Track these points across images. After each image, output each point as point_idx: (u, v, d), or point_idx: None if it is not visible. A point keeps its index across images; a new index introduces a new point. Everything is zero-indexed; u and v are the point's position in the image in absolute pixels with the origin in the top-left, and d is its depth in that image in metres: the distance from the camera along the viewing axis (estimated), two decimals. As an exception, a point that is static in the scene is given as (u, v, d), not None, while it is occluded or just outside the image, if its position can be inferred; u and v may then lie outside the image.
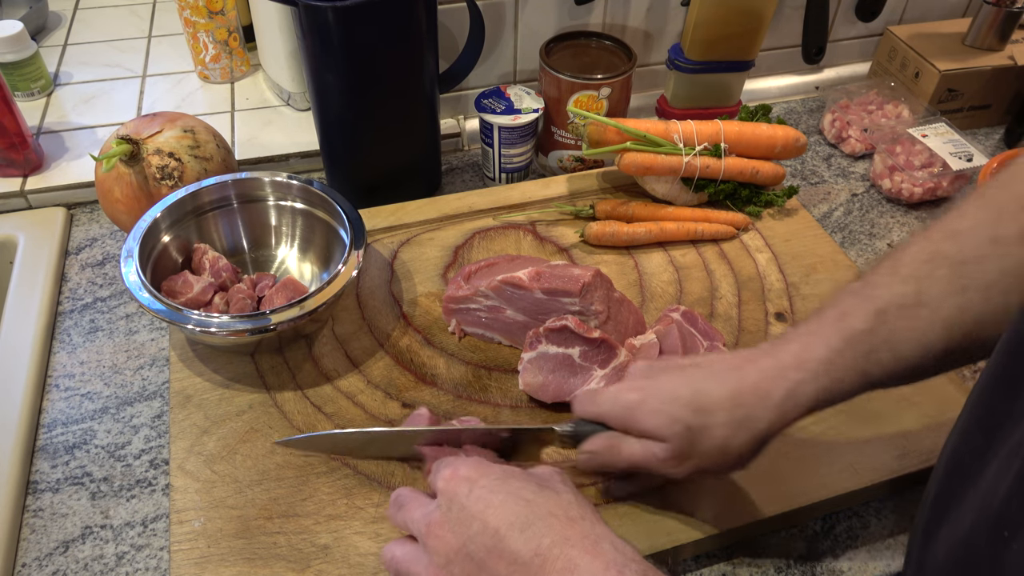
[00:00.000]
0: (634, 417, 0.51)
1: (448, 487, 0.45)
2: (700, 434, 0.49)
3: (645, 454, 0.51)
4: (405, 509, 0.47)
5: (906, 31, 1.08)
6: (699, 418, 0.49)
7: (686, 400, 0.50)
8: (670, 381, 0.52)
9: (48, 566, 0.59)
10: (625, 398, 0.52)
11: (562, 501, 0.44)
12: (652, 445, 0.51)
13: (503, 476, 0.45)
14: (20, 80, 0.98)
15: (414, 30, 0.76)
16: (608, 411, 0.53)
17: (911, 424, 0.65)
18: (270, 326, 0.62)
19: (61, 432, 0.67)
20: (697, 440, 0.49)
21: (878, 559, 0.60)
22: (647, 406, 0.51)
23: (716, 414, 0.49)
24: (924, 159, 0.91)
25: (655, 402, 0.51)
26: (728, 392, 0.49)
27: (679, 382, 0.51)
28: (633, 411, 0.51)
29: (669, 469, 0.51)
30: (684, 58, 0.92)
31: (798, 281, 0.78)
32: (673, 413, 0.50)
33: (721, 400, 0.49)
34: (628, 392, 0.52)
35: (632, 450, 0.52)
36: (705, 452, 0.50)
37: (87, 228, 0.87)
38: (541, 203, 0.86)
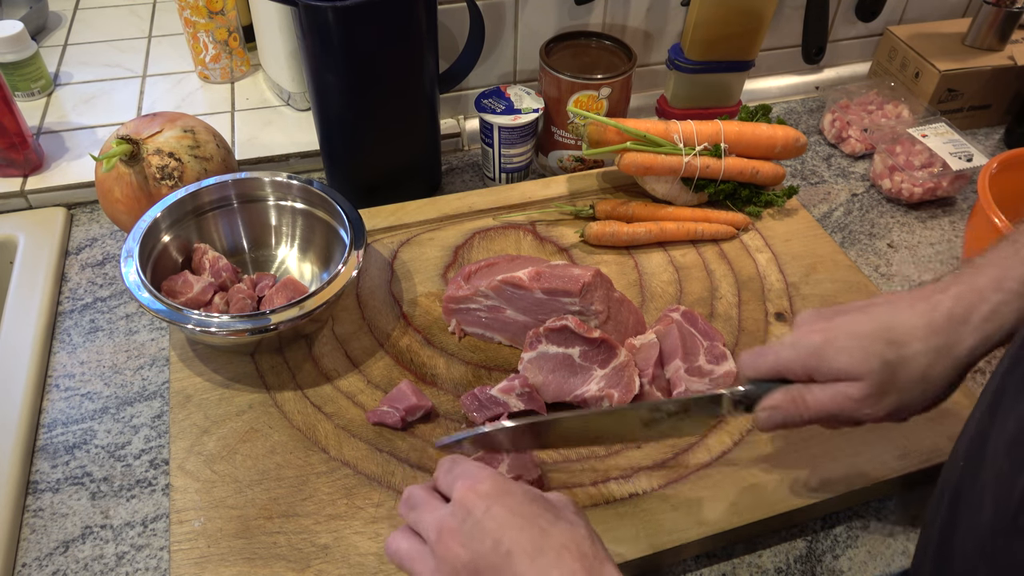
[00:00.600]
0: (821, 359, 0.49)
1: (466, 500, 0.44)
2: (898, 367, 0.47)
3: (837, 397, 0.49)
4: (418, 510, 0.47)
5: (906, 31, 1.08)
6: (895, 350, 0.47)
7: (877, 334, 0.48)
8: (853, 319, 0.49)
9: (48, 566, 0.59)
10: (807, 341, 0.50)
11: (576, 535, 0.43)
12: (845, 387, 0.48)
13: (523, 499, 0.45)
14: (20, 80, 0.98)
15: (414, 30, 0.76)
16: (789, 358, 0.50)
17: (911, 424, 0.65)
18: (270, 326, 0.62)
19: (61, 432, 0.67)
20: (895, 374, 0.47)
21: (878, 559, 0.60)
22: (834, 345, 0.48)
23: (912, 344, 0.47)
24: (924, 159, 0.91)
25: (842, 339, 0.48)
26: (923, 321, 0.47)
27: (864, 319, 0.49)
28: (818, 353, 0.49)
29: (866, 409, 0.48)
30: (684, 58, 0.92)
31: (798, 281, 0.78)
32: (866, 348, 0.47)
33: (916, 329, 0.47)
34: (810, 335, 0.50)
35: (821, 397, 0.49)
36: (904, 385, 0.47)
37: (87, 228, 0.87)
38: (541, 203, 0.86)
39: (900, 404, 0.48)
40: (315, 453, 0.62)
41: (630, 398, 0.64)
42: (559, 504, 0.46)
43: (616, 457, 0.62)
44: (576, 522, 0.45)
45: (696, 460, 0.62)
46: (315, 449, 0.62)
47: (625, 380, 0.64)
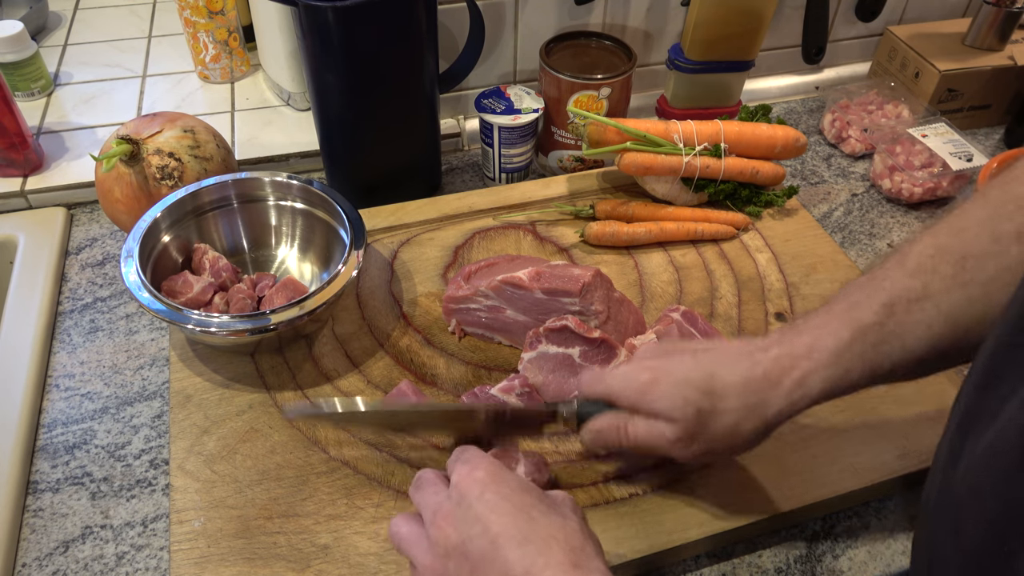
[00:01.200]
0: (645, 398, 0.51)
1: (462, 484, 0.45)
2: (710, 417, 0.50)
3: (653, 435, 0.51)
4: (422, 491, 0.48)
5: (906, 31, 1.08)
6: (711, 402, 0.50)
7: (698, 383, 0.50)
8: (682, 363, 0.52)
9: (48, 566, 0.59)
10: (637, 378, 0.52)
11: (567, 528, 0.44)
12: (661, 426, 0.51)
13: (517, 488, 0.45)
14: (20, 80, 0.98)
15: (414, 30, 0.76)
16: (618, 390, 0.53)
17: (911, 424, 0.65)
18: (270, 326, 0.62)
19: (61, 432, 0.67)
20: (707, 423, 0.50)
21: (878, 559, 0.60)
22: (659, 386, 0.51)
23: (728, 399, 0.50)
24: (924, 159, 0.91)
25: (667, 384, 0.51)
26: (740, 378, 0.50)
27: (691, 365, 0.51)
28: (644, 391, 0.51)
29: (676, 451, 0.51)
30: (684, 58, 0.92)
31: (798, 281, 0.78)
32: (686, 395, 0.50)
33: (733, 385, 0.50)
34: (640, 372, 0.52)
35: (639, 430, 0.52)
36: (714, 435, 0.50)
37: (87, 228, 0.87)
38: (541, 203, 0.86)
39: (708, 450, 0.51)
40: (315, 453, 0.62)
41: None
42: (556, 499, 0.47)
43: (616, 457, 0.62)
44: (569, 516, 0.45)
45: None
46: (315, 449, 0.63)
47: (625, 380, 0.64)
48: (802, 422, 0.64)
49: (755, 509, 0.59)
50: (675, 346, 0.55)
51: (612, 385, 0.54)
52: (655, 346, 0.56)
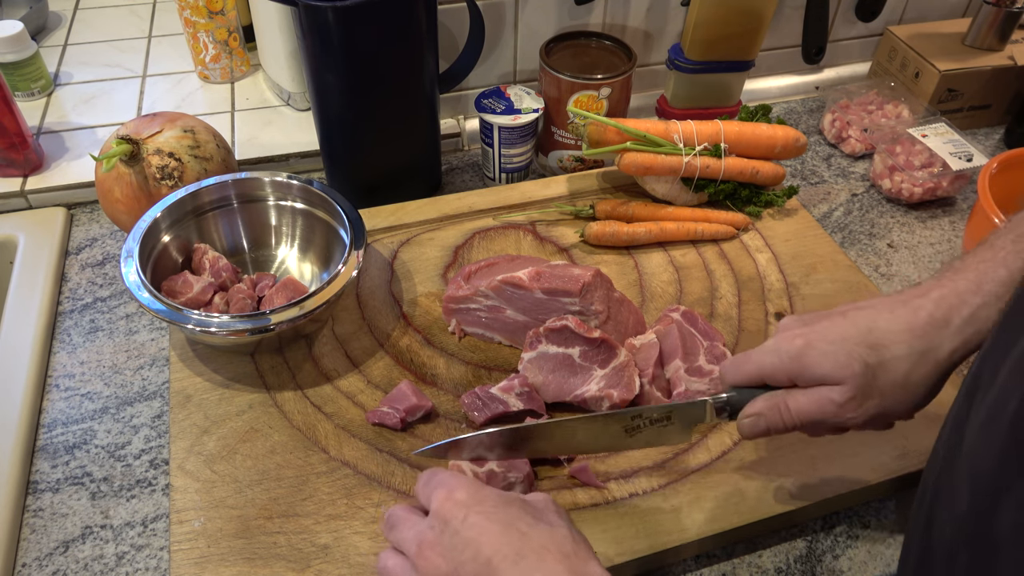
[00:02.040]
0: (803, 363, 0.49)
1: (442, 510, 0.44)
2: (879, 370, 0.47)
3: (819, 401, 0.48)
4: (397, 529, 0.46)
5: (906, 31, 1.08)
6: (876, 354, 0.47)
7: (858, 338, 0.48)
8: (834, 323, 0.49)
9: (48, 566, 0.59)
10: (788, 346, 0.49)
11: (556, 536, 0.43)
12: (827, 391, 0.48)
13: (499, 503, 0.44)
14: (20, 80, 0.98)
15: (414, 30, 0.76)
16: (771, 364, 0.50)
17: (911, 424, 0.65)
18: (270, 326, 0.62)
19: (61, 432, 0.67)
20: (876, 377, 0.47)
21: (878, 559, 0.60)
22: (816, 349, 0.48)
23: (893, 348, 0.47)
24: (924, 159, 0.91)
25: (823, 344, 0.48)
26: (903, 325, 0.47)
27: (845, 323, 0.49)
28: (801, 357, 0.49)
29: (847, 414, 0.48)
30: (684, 58, 0.92)
31: (798, 281, 0.78)
32: (848, 351, 0.47)
33: (897, 333, 0.47)
34: (790, 341, 0.50)
35: (802, 403, 0.49)
36: (886, 389, 0.47)
37: (87, 228, 0.87)
38: (541, 203, 0.86)
39: (882, 408, 0.48)
40: (315, 453, 0.62)
41: (630, 398, 0.64)
42: (539, 506, 0.46)
43: (616, 457, 0.62)
44: (556, 523, 0.44)
45: (696, 460, 0.62)
46: (315, 449, 0.63)
47: (625, 380, 0.64)
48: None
49: (755, 509, 0.59)
50: (818, 314, 0.51)
51: (762, 362, 0.51)
52: (796, 317, 0.52)
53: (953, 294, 0.47)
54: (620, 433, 0.54)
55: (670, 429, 0.54)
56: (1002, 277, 0.46)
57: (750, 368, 0.51)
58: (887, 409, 0.48)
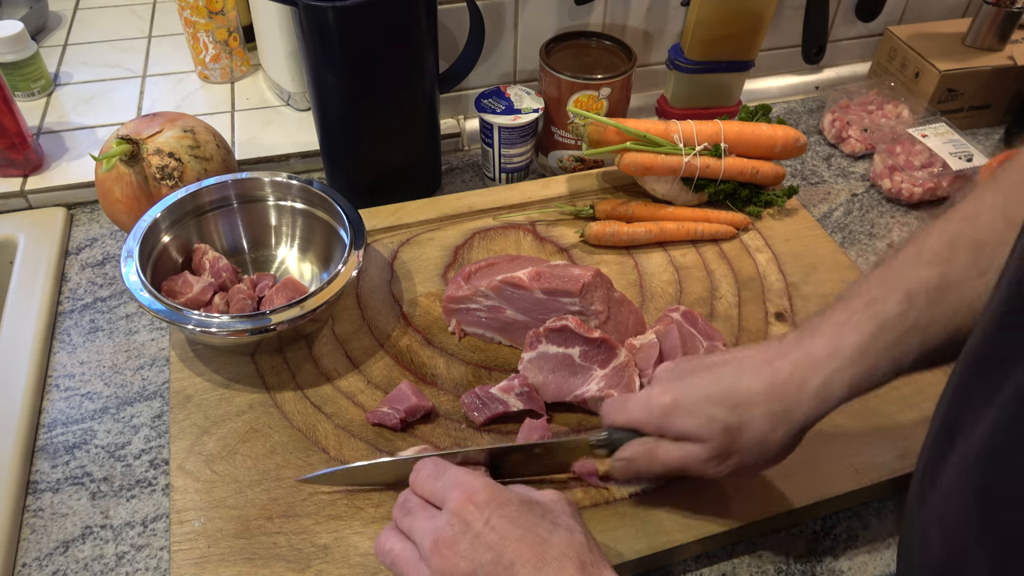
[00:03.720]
0: (669, 420, 0.51)
1: (463, 511, 0.44)
2: (739, 431, 0.49)
3: (684, 456, 0.51)
4: (413, 515, 0.47)
5: (906, 31, 1.08)
6: (736, 415, 0.49)
7: (721, 398, 0.49)
8: (701, 380, 0.51)
9: (48, 566, 0.59)
10: (657, 402, 0.52)
11: (575, 542, 0.44)
12: (691, 447, 0.50)
13: (520, 507, 0.45)
14: (20, 80, 0.98)
15: (414, 30, 0.76)
16: (640, 417, 0.53)
17: (911, 424, 0.65)
18: (270, 326, 0.62)
19: (61, 432, 0.67)
20: (736, 437, 0.49)
21: (878, 559, 0.60)
22: (681, 408, 0.50)
23: (753, 409, 0.49)
24: (924, 159, 0.91)
25: (689, 403, 0.50)
26: (763, 386, 0.49)
27: (710, 380, 0.51)
28: (667, 415, 0.51)
29: (710, 469, 0.51)
30: (684, 58, 0.92)
31: (798, 281, 0.78)
32: (709, 412, 0.49)
33: (757, 394, 0.49)
34: (659, 396, 0.52)
35: (670, 454, 0.51)
36: (744, 448, 0.49)
37: (87, 228, 0.87)
38: (541, 203, 0.86)
39: (741, 464, 0.50)
40: (315, 453, 0.62)
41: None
42: (555, 508, 0.46)
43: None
44: (573, 527, 0.45)
45: (696, 460, 0.62)
46: (315, 449, 0.63)
47: (625, 380, 0.64)
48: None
49: (755, 509, 0.59)
50: (691, 364, 0.54)
51: (635, 413, 0.53)
52: (672, 367, 0.55)
53: (810, 358, 0.49)
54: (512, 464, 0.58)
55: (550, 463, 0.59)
56: (854, 343, 0.48)
57: (623, 417, 0.54)
58: (746, 465, 0.51)
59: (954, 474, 0.35)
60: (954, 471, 0.35)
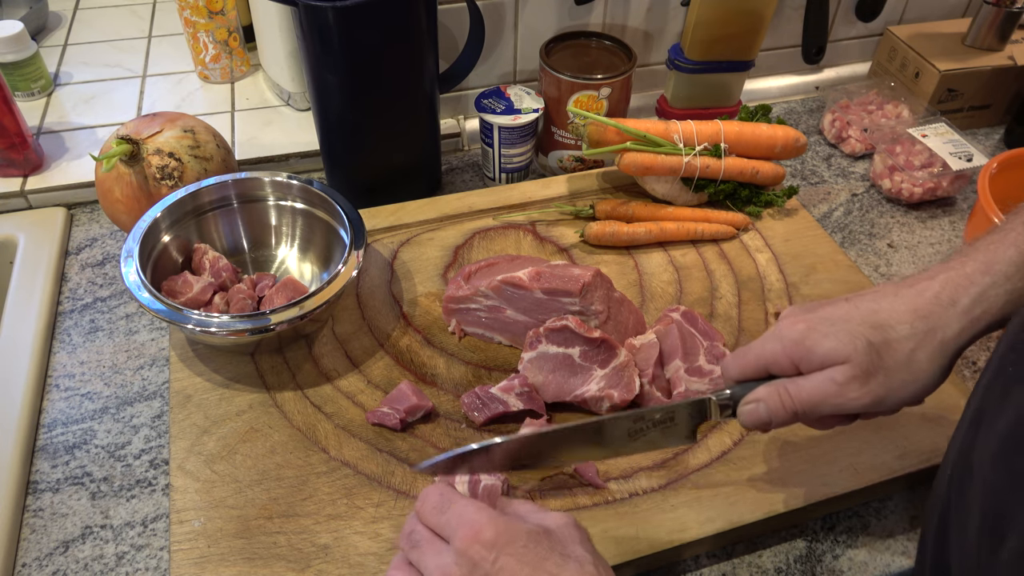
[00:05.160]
0: (805, 345, 0.47)
1: (470, 551, 0.43)
2: (883, 349, 0.46)
3: (823, 383, 0.47)
4: (419, 550, 0.45)
5: (906, 31, 1.08)
6: (880, 333, 0.46)
7: (861, 318, 0.47)
8: (837, 307, 0.49)
9: (48, 566, 0.59)
10: (790, 331, 0.48)
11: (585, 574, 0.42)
12: (830, 371, 0.47)
13: (528, 542, 0.43)
14: (20, 80, 0.98)
15: (414, 30, 0.76)
16: (773, 350, 0.49)
17: (911, 424, 0.65)
18: (270, 326, 0.62)
19: (61, 432, 0.67)
20: (880, 357, 0.46)
21: (878, 559, 0.60)
22: (818, 331, 0.47)
23: (897, 327, 0.46)
24: (924, 159, 0.91)
25: (825, 326, 0.47)
26: (907, 306, 0.46)
27: (848, 306, 0.48)
28: (803, 340, 0.48)
29: (850, 394, 0.47)
30: (684, 58, 0.92)
31: (798, 281, 0.78)
32: (851, 330, 0.46)
33: (901, 313, 0.46)
34: (792, 326, 0.49)
35: (805, 386, 0.48)
36: (890, 370, 0.46)
37: (87, 228, 0.87)
38: (541, 203, 0.86)
39: (886, 389, 0.47)
40: (315, 453, 0.62)
41: (630, 398, 0.64)
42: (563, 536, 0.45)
43: (616, 457, 0.62)
44: (583, 559, 0.43)
45: (696, 460, 0.62)
46: (315, 449, 0.63)
47: (625, 380, 0.64)
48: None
49: (755, 509, 0.59)
50: (820, 302, 0.50)
51: (764, 349, 0.49)
52: (799, 306, 0.51)
53: (961, 275, 0.46)
54: (624, 437, 0.52)
55: (674, 430, 0.52)
56: (1012, 257, 0.45)
57: (751, 358, 0.50)
58: (892, 391, 0.47)
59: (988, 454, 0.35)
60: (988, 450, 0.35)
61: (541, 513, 0.46)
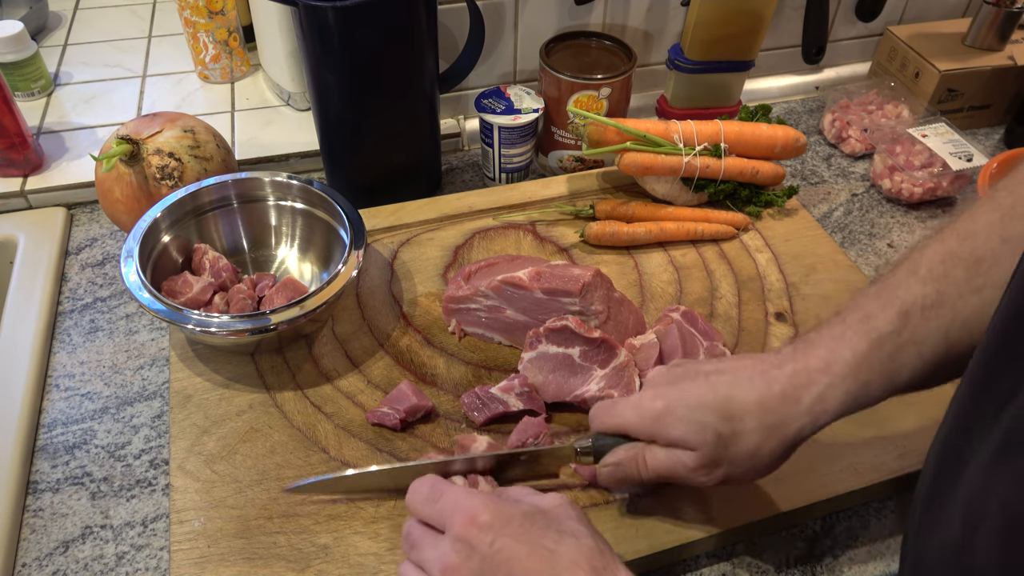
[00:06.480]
0: (660, 426, 0.50)
1: (467, 535, 0.44)
2: (730, 441, 0.49)
3: (673, 463, 0.50)
4: (418, 548, 0.46)
5: (906, 31, 1.08)
6: (729, 425, 0.49)
7: (714, 407, 0.49)
8: (695, 388, 0.51)
9: (48, 566, 0.59)
10: (649, 407, 0.51)
11: (583, 548, 0.43)
12: (680, 454, 0.50)
13: (523, 522, 0.44)
14: (20, 80, 0.98)
15: (414, 30, 0.76)
16: (631, 421, 0.52)
17: (911, 424, 0.65)
18: (270, 326, 0.62)
19: (61, 432, 0.67)
20: (727, 447, 0.49)
21: (878, 559, 0.60)
22: (674, 414, 0.50)
23: (746, 420, 0.49)
24: (924, 159, 0.91)
25: (682, 409, 0.50)
26: (757, 398, 0.49)
27: (705, 388, 0.50)
28: (659, 420, 0.50)
29: (698, 478, 0.50)
30: (684, 58, 0.92)
31: (798, 281, 0.78)
32: (702, 420, 0.49)
33: (750, 406, 0.49)
34: (652, 400, 0.51)
35: (658, 460, 0.51)
36: (735, 459, 0.49)
37: (87, 228, 0.87)
38: (541, 203, 0.86)
39: (730, 474, 0.50)
40: (315, 453, 0.62)
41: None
42: (559, 514, 0.46)
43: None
44: (580, 532, 0.44)
45: (696, 460, 0.62)
46: (315, 449, 0.63)
47: (625, 380, 0.64)
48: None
49: (755, 509, 0.59)
50: (685, 370, 0.53)
51: (625, 417, 0.53)
52: (665, 371, 0.54)
53: (804, 371, 0.49)
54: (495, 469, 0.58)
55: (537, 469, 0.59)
56: (847, 359, 0.48)
57: (614, 421, 0.53)
58: (735, 476, 0.50)
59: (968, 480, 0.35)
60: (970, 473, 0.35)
61: (536, 496, 0.48)
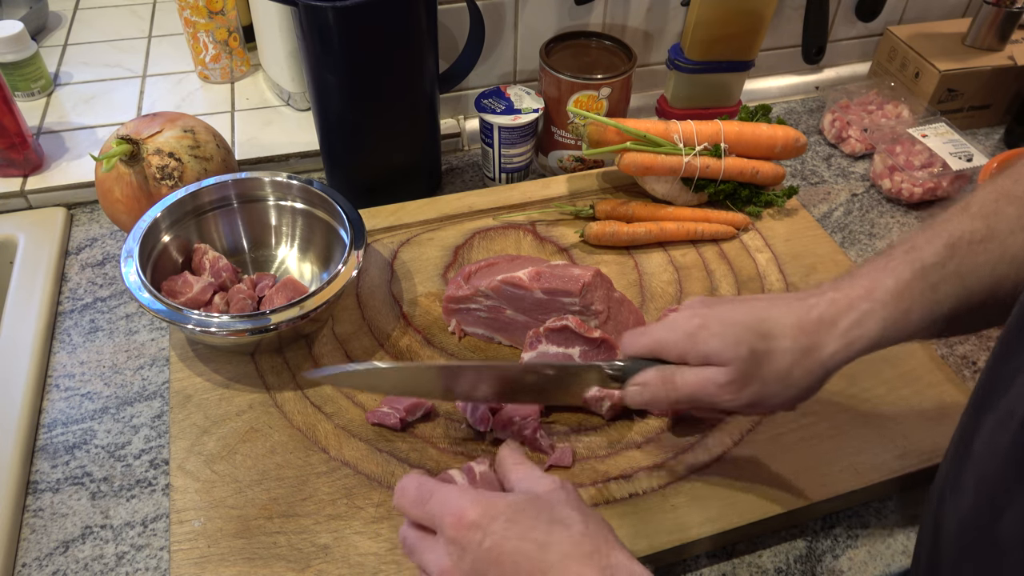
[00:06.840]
0: (694, 341, 0.50)
1: (457, 536, 0.43)
2: (764, 359, 0.48)
3: (703, 381, 0.50)
4: (417, 553, 0.46)
5: (906, 31, 1.08)
6: (763, 342, 0.48)
7: (750, 324, 0.49)
8: (731, 309, 0.51)
9: (48, 566, 0.59)
10: (684, 324, 0.51)
11: (574, 536, 0.42)
12: (711, 371, 0.50)
13: (512, 515, 0.43)
14: (20, 80, 0.98)
15: (414, 30, 0.76)
16: (665, 338, 0.52)
17: (911, 424, 0.65)
18: (270, 326, 0.62)
19: (61, 432, 0.67)
20: (760, 365, 0.49)
21: (878, 559, 0.60)
22: (709, 329, 0.50)
23: (780, 340, 0.48)
24: (924, 159, 0.91)
25: (717, 325, 0.50)
26: (794, 320, 0.49)
27: (742, 309, 0.51)
28: (693, 335, 0.50)
29: (727, 395, 0.50)
30: (684, 58, 0.92)
31: (798, 281, 0.78)
32: (737, 335, 0.49)
33: (786, 327, 0.49)
34: (688, 319, 0.51)
35: (688, 379, 0.51)
36: (767, 378, 0.49)
37: (87, 228, 0.87)
38: (541, 203, 0.86)
39: (760, 396, 0.49)
40: (315, 453, 0.62)
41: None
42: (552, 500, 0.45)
43: (616, 457, 0.62)
44: (571, 519, 0.43)
45: (696, 460, 0.62)
46: (315, 449, 0.63)
47: (625, 380, 0.64)
48: (803, 421, 0.64)
49: (755, 509, 0.59)
50: (724, 297, 0.53)
51: (658, 334, 0.52)
52: (700, 299, 0.54)
53: (845, 298, 0.49)
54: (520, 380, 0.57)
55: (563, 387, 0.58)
56: (890, 286, 0.48)
57: (646, 340, 0.53)
58: (765, 397, 0.50)
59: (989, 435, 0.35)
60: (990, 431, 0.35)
61: (532, 479, 0.47)
